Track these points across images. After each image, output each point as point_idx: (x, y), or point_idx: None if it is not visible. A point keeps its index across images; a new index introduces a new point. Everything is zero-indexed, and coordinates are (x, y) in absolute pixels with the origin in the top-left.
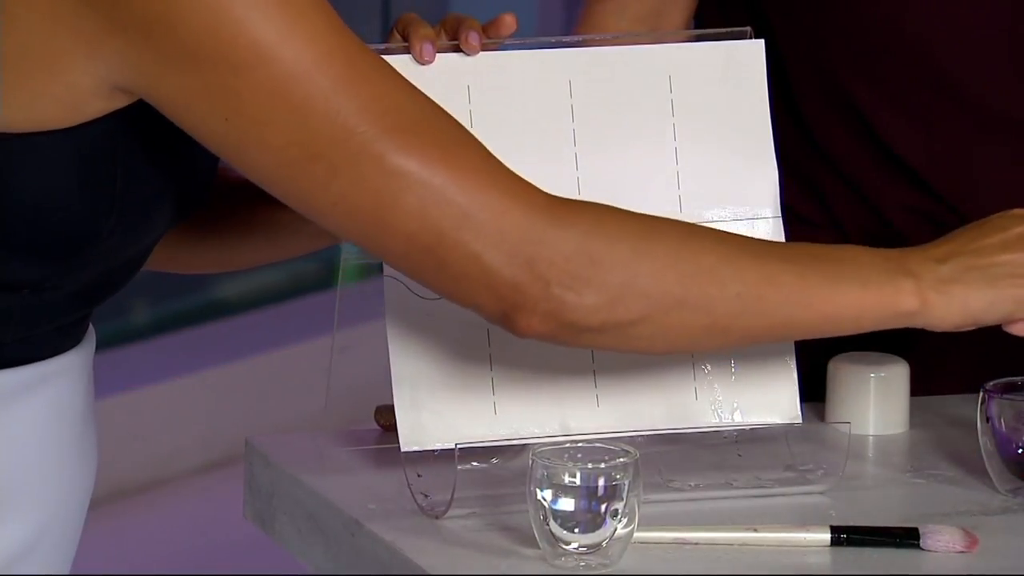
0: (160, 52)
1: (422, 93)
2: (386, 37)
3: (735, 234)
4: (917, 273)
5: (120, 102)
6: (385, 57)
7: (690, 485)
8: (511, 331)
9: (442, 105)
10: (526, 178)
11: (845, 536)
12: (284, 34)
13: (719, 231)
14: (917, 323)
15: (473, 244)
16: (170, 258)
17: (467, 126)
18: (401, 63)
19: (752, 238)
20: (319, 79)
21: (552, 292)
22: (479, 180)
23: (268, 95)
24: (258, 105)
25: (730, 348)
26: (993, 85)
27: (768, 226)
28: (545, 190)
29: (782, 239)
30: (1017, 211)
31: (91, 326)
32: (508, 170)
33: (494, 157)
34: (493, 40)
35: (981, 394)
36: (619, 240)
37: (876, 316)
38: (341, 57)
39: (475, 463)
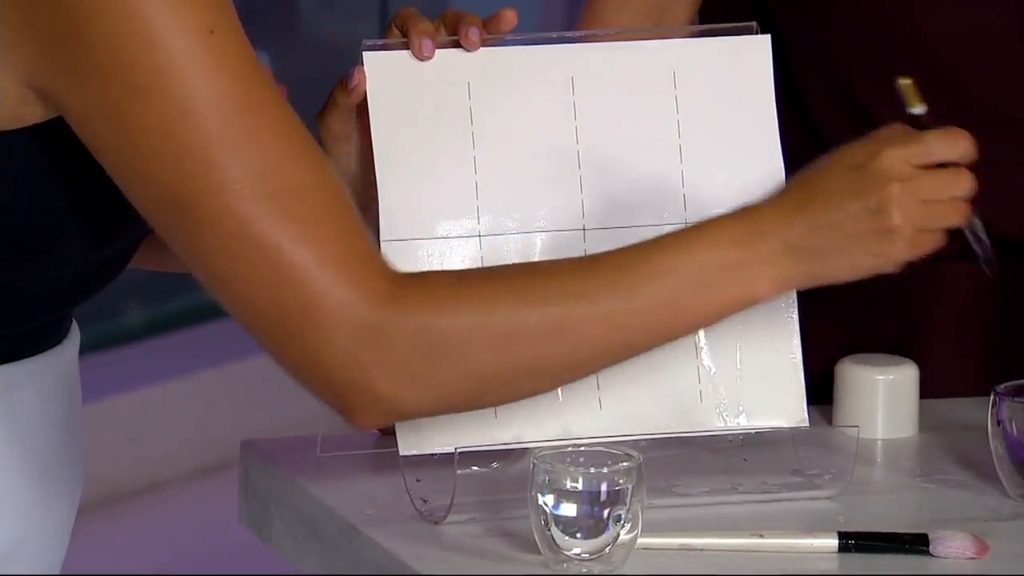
0: (70, 61)
1: (310, 156)
2: (384, 33)
3: (580, 271)
4: (771, 260)
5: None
6: (386, 53)
7: (695, 490)
8: (348, 423)
9: (441, 102)
10: (375, 253)
11: (853, 542)
12: (187, 64)
13: (561, 271)
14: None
15: (313, 337)
16: (162, 258)
17: (467, 123)
18: (400, 59)
19: (597, 270)
20: (207, 123)
21: (387, 393)
22: (331, 266)
23: (156, 129)
24: (146, 138)
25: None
26: (1001, 86)
27: None
28: (393, 266)
29: None
30: (883, 160)
31: (75, 325)
32: (362, 252)
33: (357, 235)
34: (494, 36)
35: (992, 397)
36: (456, 323)
37: (729, 312)
38: (237, 103)
39: (475, 467)
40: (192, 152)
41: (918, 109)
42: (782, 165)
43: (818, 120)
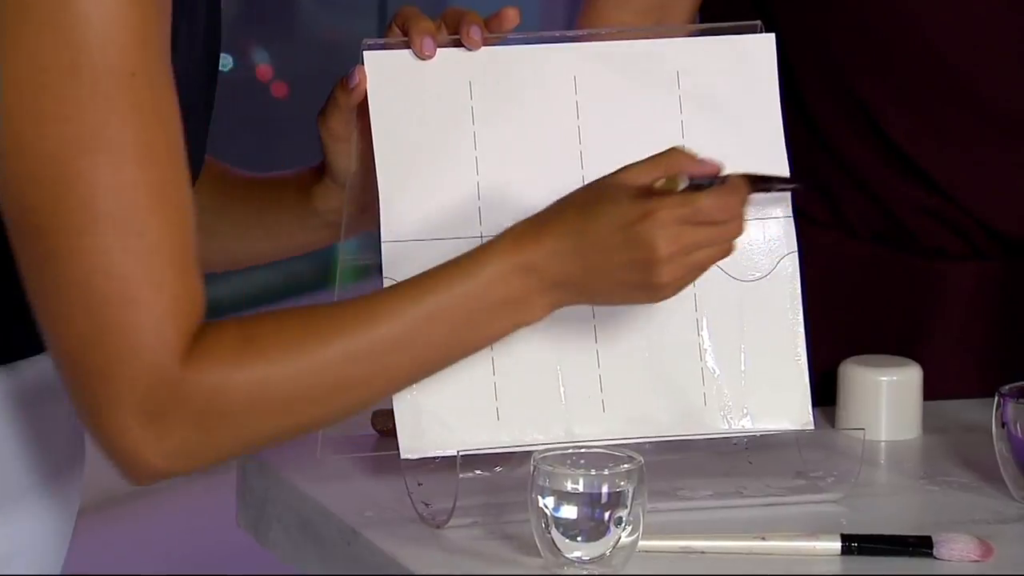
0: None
1: (178, 218)
2: (384, 31)
3: (359, 328)
4: (543, 292)
5: None
6: (387, 52)
7: (699, 493)
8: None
9: (443, 102)
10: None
11: (856, 545)
12: (98, 102)
13: (342, 328)
14: None
15: (104, 403)
16: None
17: (469, 123)
18: (401, 59)
19: (375, 321)
20: (98, 166)
21: (160, 467)
22: (132, 336)
23: (48, 155)
24: (37, 161)
25: None
26: (1006, 87)
27: (779, 226)
28: (190, 321)
29: (793, 239)
30: (656, 222)
31: None
32: (172, 321)
33: (176, 300)
34: (496, 35)
35: (996, 398)
36: (234, 399)
37: (501, 337)
38: (133, 154)
39: (478, 471)
40: (74, 189)
41: (683, 185)
42: (787, 166)
43: (821, 124)
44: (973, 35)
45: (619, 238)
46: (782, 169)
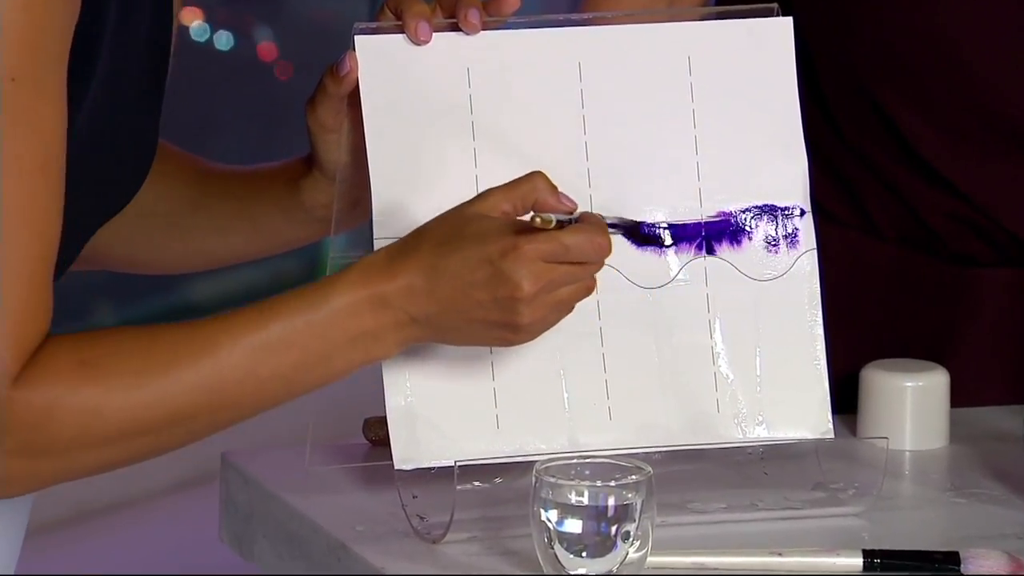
0: None
1: (37, 237)
2: (376, 15)
3: (205, 359)
4: (397, 328)
5: None
6: (379, 37)
7: (712, 507)
8: None
9: (439, 90)
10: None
11: (879, 561)
12: None
13: (185, 360)
14: None
15: None
16: (130, 258)
17: (467, 113)
18: (394, 44)
19: (219, 353)
20: None
21: None
22: None
23: None
24: None
25: None
26: None
27: (797, 223)
28: (29, 338)
29: (812, 236)
30: (519, 259)
31: None
32: (12, 346)
33: (20, 324)
34: (495, 18)
35: None
36: (63, 432)
37: (352, 372)
38: None
39: (476, 483)
40: None
41: (556, 221)
42: (805, 156)
43: (841, 123)
44: (997, 44)
45: (480, 275)
46: (800, 161)
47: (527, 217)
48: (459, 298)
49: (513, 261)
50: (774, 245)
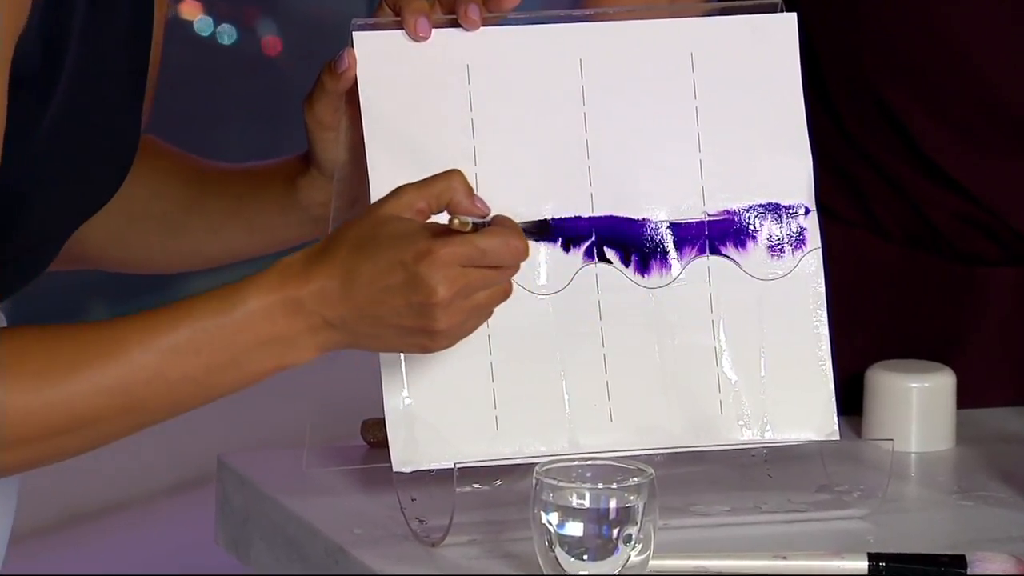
0: None
1: None
2: (374, 11)
3: (111, 362)
4: (312, 332)
5: None
6: (378, 33)
7: (715, 509)
8: None
9: (438, 87)
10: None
11: (884, 564)
12: None
13: (92, 360)
14: None
15: None
16: (124, 258)
17: (466, 110)
18: (393, 40)
19: (126, 355)
20: None
21: None
22: None
23: None
24: None
25: None
26: None
27: (802, 221)
28: None
29: (818, 235)
30: (435, 263)
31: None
32: None
33: None
34: (495, 14)
35: None
36: None
37: (266, 377)
38: None
39: (476, 485)
40: None
41: (472, 223)
42: (810, 154)
43: (847, 121)
44: (1003, 41)
45: (395, 280)
46: (804, 159)
47: (444, 219)
48: (375, 303)
49: (428, 266)
50: (778, 244)
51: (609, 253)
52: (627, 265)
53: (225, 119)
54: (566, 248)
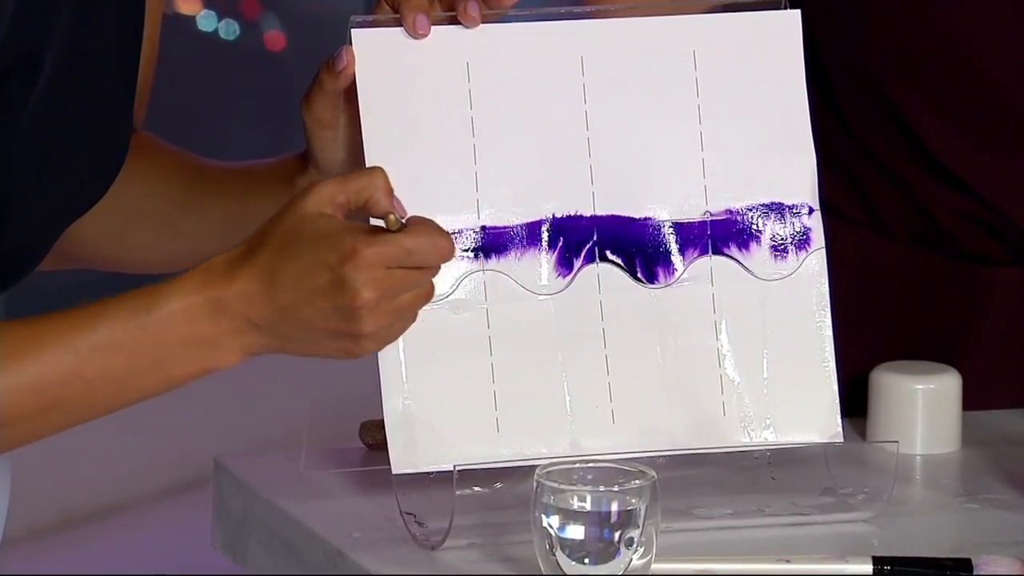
0: None
1: None
2: (371, 8)
3: (33, 361)
4: (237, 334)
5: None
6: (377, 31)
7: (717, 512)
8: None
9: (437, 85)
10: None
11: (889, 568)
12: None
13: (23, 357)
14: None
15: None
16: (120, 258)
17: (466, 108)
18: (392, 38)
19: (50, 356)
20: None
21: None
22: None
23: None
24: None
25: None
26: None
27: (806, 221)
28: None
29: (821, 235)
30: (359, 264)
31: None
32: None
33: None
34: (495, 11)
35: None
36: None
37: (190, 381)
38: None
39: (476, 488)
40: None
41: (397, 223)
42: (814, 153)
43: (851, 119)
44: (1009, 38)
45: (319, 281)
46: (808, 158)
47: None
48: (299, 306)
49: (353, 268)
50: (781, 244)
51: (611, 253)
52: (629, 265)
53: (228, 115)
54: (567, 248)
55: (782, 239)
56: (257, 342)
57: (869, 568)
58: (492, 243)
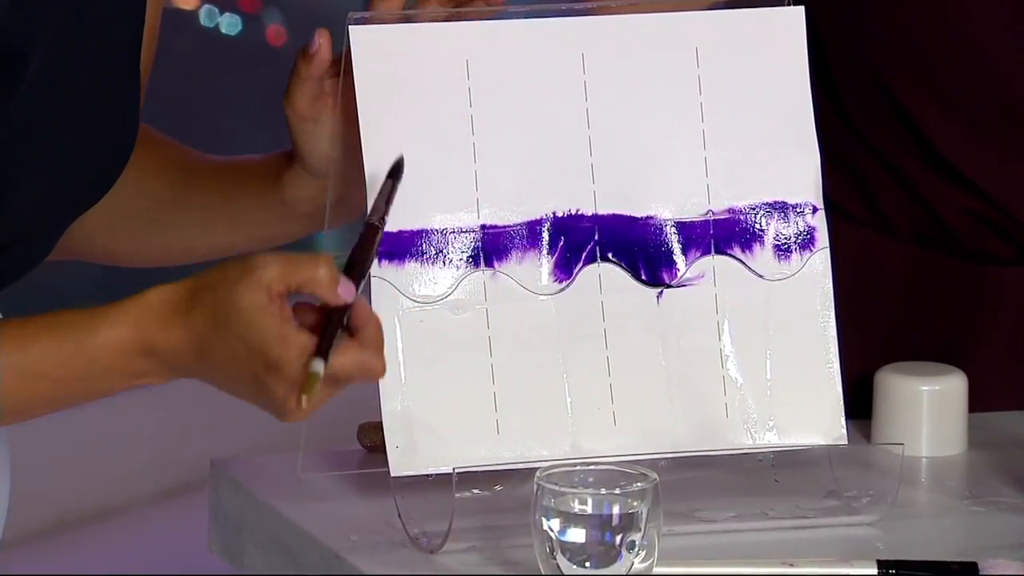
0: None
1: None
2: (366, 3)
3: None
4: (161, 374)
5: None
6: (375, 27)
7: (720, 515)
8: None
9: (436, 82)
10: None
11: (894, 572)
12: None
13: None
14: None
15: None
16: (110, 251)
17: (465, 106)
18: (390, 34)
19: None
20: None
21: None
22: None
23: None
24: None
25: None
26: None
27: (810, 220)
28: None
29: (825, 235)
30: (276, 376)
31: None
32: None
33: None
34: (495, 7)
35: None
36: None
37: (114, 393)
38: None
39: (475, 490)
40: None
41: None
42: (818, 151)
43: (855, 117)
44: (1015, 36)
45: (245, 376)
46: (812, 156)
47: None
48: (226, 381)
49: (275, 380)
50: (785, 244)
51: (612, 253)
52: (631, 265)
53: (230, 111)
54: (568, 248)
55: (785, 239)
56: (185, 377)
57: (874, 572)
58: (492, 243)
